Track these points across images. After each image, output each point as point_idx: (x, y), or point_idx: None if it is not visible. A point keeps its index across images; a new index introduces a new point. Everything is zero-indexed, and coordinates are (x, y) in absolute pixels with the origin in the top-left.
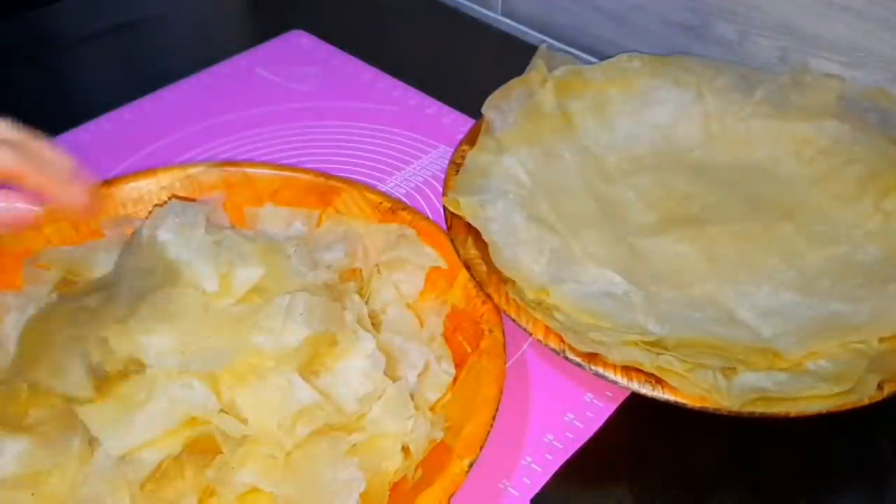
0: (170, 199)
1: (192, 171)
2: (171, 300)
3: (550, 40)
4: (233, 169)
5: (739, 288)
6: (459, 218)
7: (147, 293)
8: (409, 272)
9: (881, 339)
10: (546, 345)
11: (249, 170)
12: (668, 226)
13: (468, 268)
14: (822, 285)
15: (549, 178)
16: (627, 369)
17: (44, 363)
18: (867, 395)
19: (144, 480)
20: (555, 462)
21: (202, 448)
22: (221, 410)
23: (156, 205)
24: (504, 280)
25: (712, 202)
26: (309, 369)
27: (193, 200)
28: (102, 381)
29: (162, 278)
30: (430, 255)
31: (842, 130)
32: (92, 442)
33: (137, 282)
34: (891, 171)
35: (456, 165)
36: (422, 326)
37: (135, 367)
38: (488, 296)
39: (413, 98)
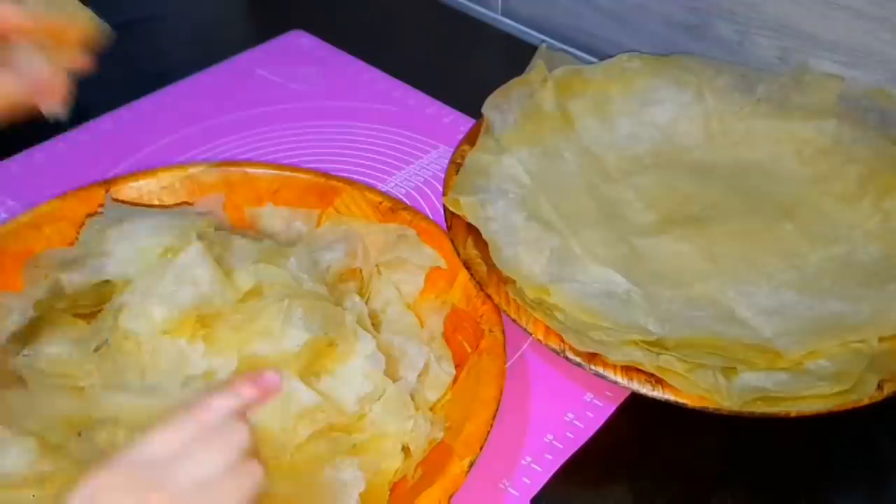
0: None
1: (192, 171)
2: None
3: (550, 40)
4: (233, 169)
5: (739, 287)
6: (459, 218)
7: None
8: (409, 272)
9: (881, 339)
10: (546, 345)
11: (249, 170)
12: (668, 225)
13: (468, 268)
14: (822, 285)
15: (550, 177)
16: (627, 369)
17: None
18: (867, 394)
19: None
20: (555, 462)
21: None
22: None
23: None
24: (504, 280)
25: (712, 202)
26: (309, 370)
27: (189, 205)
28: None
29: None
30: (430, 255)
31: (842, 130)
32: (88, 440)
33: None
34: (891, 171)
35: (456, 165)
36: (422, 326)
37: None
38: (488, 296)
39: (413, 98)
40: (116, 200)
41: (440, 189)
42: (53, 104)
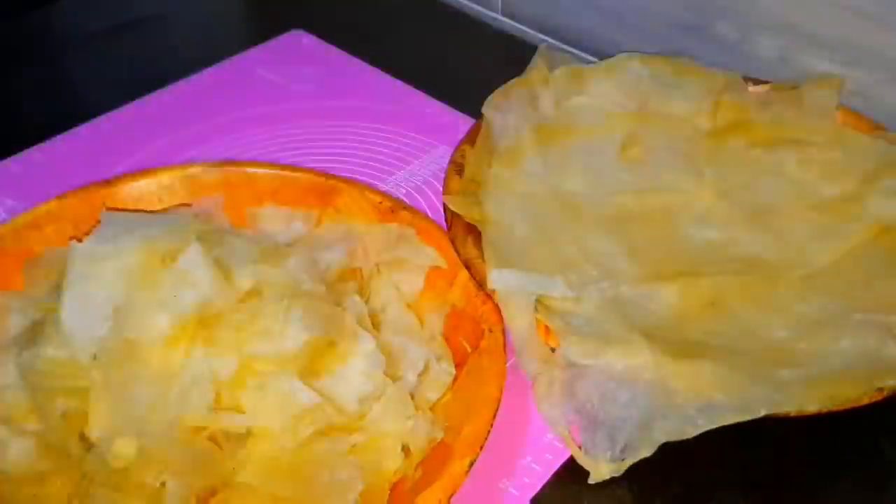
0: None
1: (192, 171)
2: None
3: (551, 40)
4: (233, 169)
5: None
6: (459, 218)
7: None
8: (409, 272)
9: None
10: (547, 344)
11: (249, 169)
12: None
13: (468, 267)
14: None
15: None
16: None
17: None
18: (867, 394)
19: (146, 487)
20: (555, 462)
21: (203, 453)
22: (222, 409)
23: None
24: None
25: None
26: (309, 370)
27: (188, 206)
28: None
29: None
30: (430, 255)
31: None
32: (91, 450)
33: None
34: (891, 170)
35: (456, 165)
36: (422, 326)
37: None
38: (488, 295)
39: (413, 98)
40: (111, 208)
41: (440, 189)
42: None
